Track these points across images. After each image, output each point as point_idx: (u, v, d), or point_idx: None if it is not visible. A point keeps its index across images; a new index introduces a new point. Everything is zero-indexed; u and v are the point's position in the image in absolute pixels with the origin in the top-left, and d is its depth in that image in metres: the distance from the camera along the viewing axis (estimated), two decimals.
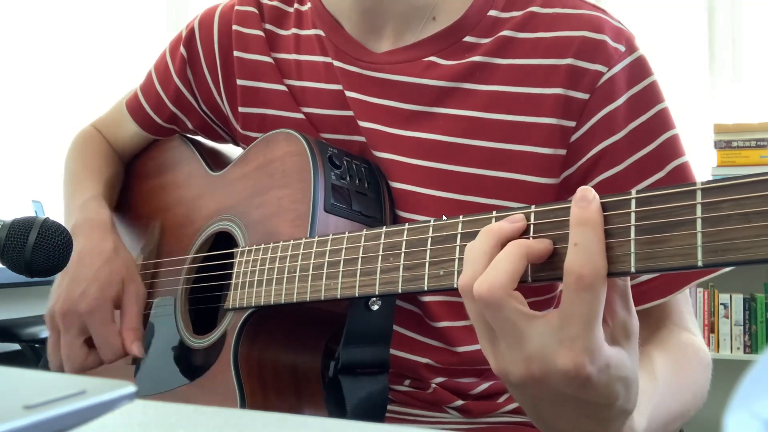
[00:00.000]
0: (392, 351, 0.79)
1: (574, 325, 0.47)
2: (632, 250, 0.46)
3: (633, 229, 0.46)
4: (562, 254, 0.49)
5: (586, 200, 0.47)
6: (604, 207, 0.48)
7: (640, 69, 0.75)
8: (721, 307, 2.71)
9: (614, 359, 0.48)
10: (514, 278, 0.48)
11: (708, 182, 0.44)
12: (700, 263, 0.43)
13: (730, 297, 2.71)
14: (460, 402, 0.82)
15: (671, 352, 0.68)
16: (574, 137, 0.74)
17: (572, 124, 0.74)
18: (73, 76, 3.12)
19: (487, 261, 0.49)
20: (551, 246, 0.50)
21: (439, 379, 0.81)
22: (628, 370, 0.50)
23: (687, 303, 0.76)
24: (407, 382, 0.82)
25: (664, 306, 0.73)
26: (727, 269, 0.57)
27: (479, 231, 0.52)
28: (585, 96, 0.73)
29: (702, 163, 2.71)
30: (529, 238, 0.51)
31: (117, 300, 0.83)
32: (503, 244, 0.50)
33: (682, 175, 0.73)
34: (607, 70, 0.73)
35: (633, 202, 0.47)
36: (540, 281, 0.51)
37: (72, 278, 0.83)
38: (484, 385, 0.83)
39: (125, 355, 0.83)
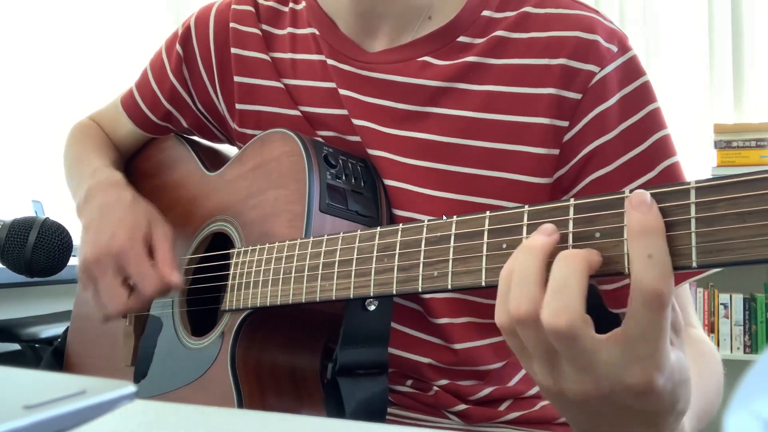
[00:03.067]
0: (394, 350, 0.79)
1: (648, 344, 0.44)
2: (625, 251, 0.46)
3: (625, 230, 0.46)
4: None
5: (646, 205, 0.44)
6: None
7: (632, 69, 0.75)
8: (721, 307, 2.71)
9: (676, 364, 0.47)
10: (585, 300, 0.45)
11: (702, 181, 0.44)
12: (694, 264, 0.43)
13: (730, 297, 2.71)
14: (461, 406, 0.81)
15: (688, 350, 0.68)
16: (566, 137, 0.74)
17: (565, 123, 0.74)
18: (73, 76, 3.12)
19: (542, 282, 0.46)
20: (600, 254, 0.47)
21: (442, 382, 0.81)
22: (686, 370, 0.48)
23: (688, 297, 0.77)
24: (409, 382, 0.82)
25: None
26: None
27: (483, 234, 0.51)
28: (577, 96, 0.74)
29: (702, 163, 2.72)
30: (568, 247, 0.48)
31: (146, 240, 0.82)
32: (548, 262, 0.47)
33: (672, 175, 0.73)
34: (600, 71, 0.73)
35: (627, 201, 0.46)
36: None
37: (98, 228, 0.82)
38: (486, 390, 0.82)
39: (165, 289, 0.80)
